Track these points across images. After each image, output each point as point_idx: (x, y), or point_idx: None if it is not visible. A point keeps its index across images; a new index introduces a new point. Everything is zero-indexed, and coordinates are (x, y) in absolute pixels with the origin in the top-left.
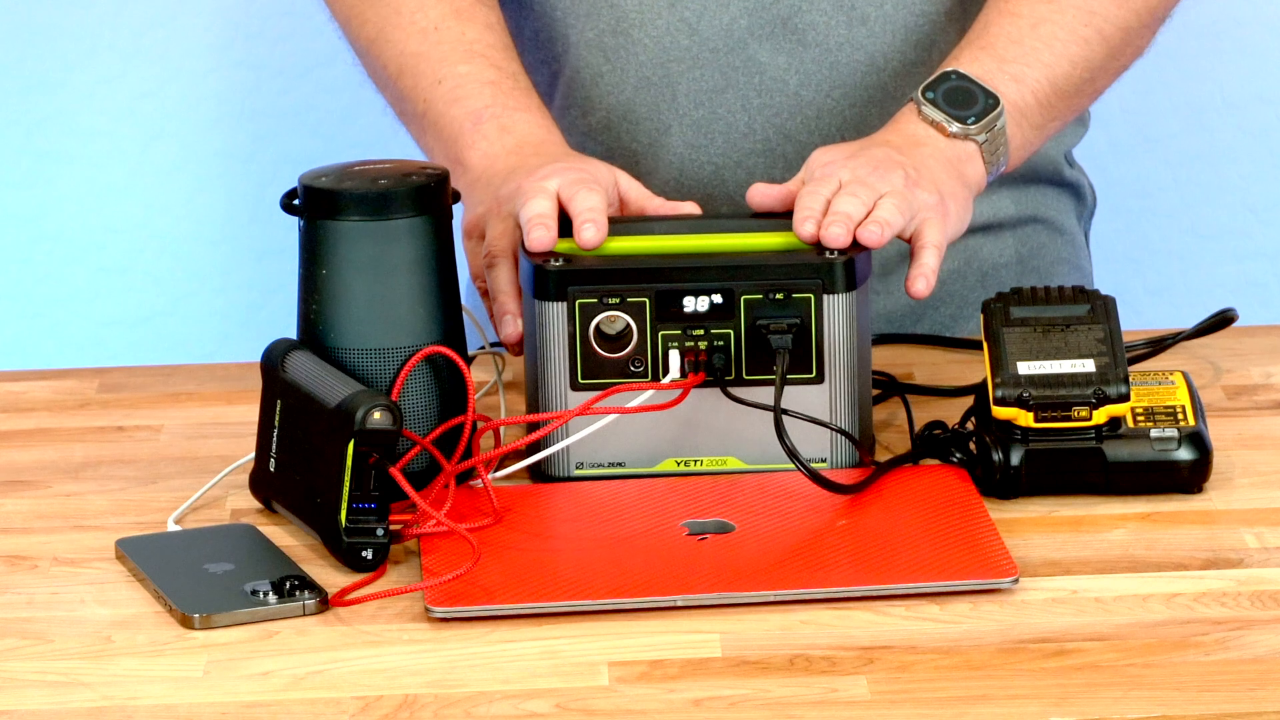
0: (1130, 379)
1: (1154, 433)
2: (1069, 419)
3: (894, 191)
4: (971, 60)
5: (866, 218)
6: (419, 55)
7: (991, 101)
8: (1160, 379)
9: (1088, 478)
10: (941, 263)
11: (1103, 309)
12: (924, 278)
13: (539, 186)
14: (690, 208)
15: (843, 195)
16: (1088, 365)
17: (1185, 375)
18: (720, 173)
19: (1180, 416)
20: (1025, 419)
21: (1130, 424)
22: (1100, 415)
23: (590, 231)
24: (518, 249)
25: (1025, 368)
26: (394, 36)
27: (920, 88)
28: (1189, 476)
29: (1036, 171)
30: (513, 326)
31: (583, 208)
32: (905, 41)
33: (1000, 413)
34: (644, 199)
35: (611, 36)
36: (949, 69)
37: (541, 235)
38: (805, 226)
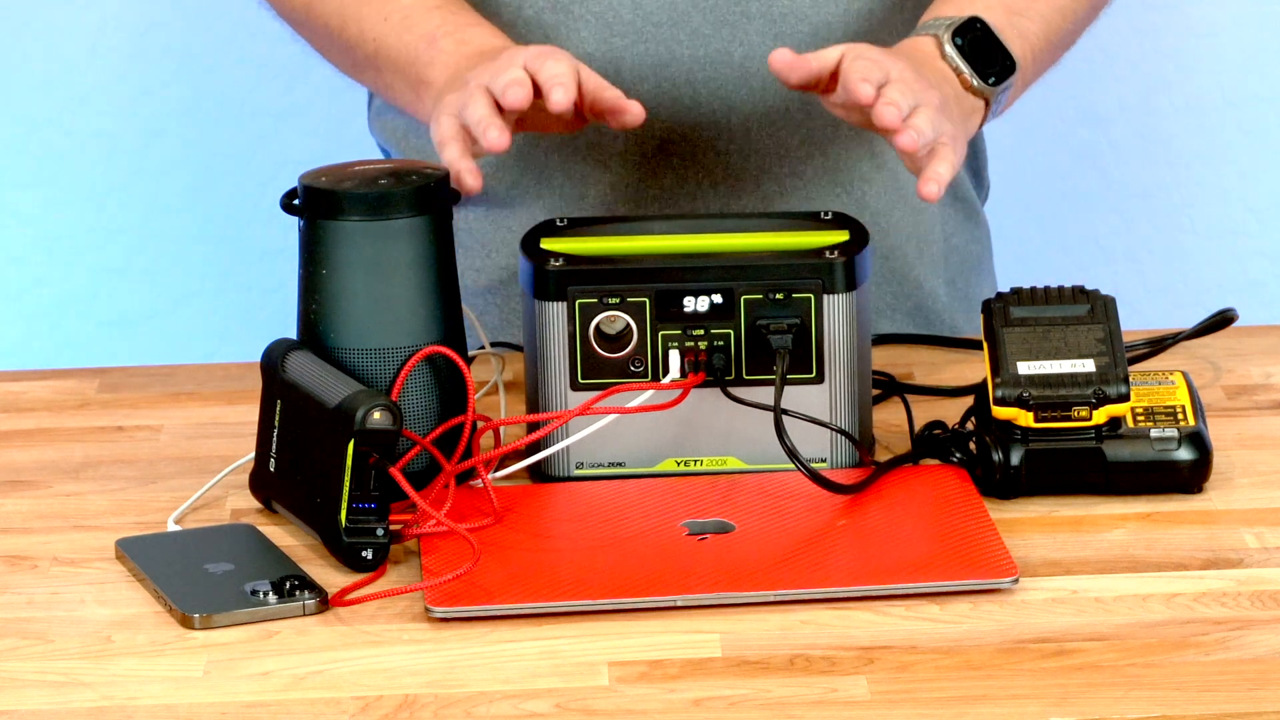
0: (1130, 379)
1: (1154, 433)
2: (1069, 419)
3: (932, 105)
4: (986, 8)
5: (905, 120)
6: (360, 2)
7: (1009, 64)
8: (1160, 379)
9: (1088, 478)
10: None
11: (1102, 309)
12: (936, 180)
13: (507, 58)
14: (636, 109)
15: (894, 85)
16: (1088, 365)
17: (1185, 375)
18: (665, 147)
19: (1180, 416)
20: (1025, 419)
21: (1130, 424)
22: (1100, 415)
23: (559, 94)
24: (487, 87)
25: (1025, 368)
26: None
27: (948, 29)
28: (1189, 476)
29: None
30: (498, 133)
31: (552, 73)
32: (848, 11)
33: (1000, 413)
34: (600, 87)
35: (551, 14)
36: (973, 15)
37: (517, 94)
38: (863, 89)
